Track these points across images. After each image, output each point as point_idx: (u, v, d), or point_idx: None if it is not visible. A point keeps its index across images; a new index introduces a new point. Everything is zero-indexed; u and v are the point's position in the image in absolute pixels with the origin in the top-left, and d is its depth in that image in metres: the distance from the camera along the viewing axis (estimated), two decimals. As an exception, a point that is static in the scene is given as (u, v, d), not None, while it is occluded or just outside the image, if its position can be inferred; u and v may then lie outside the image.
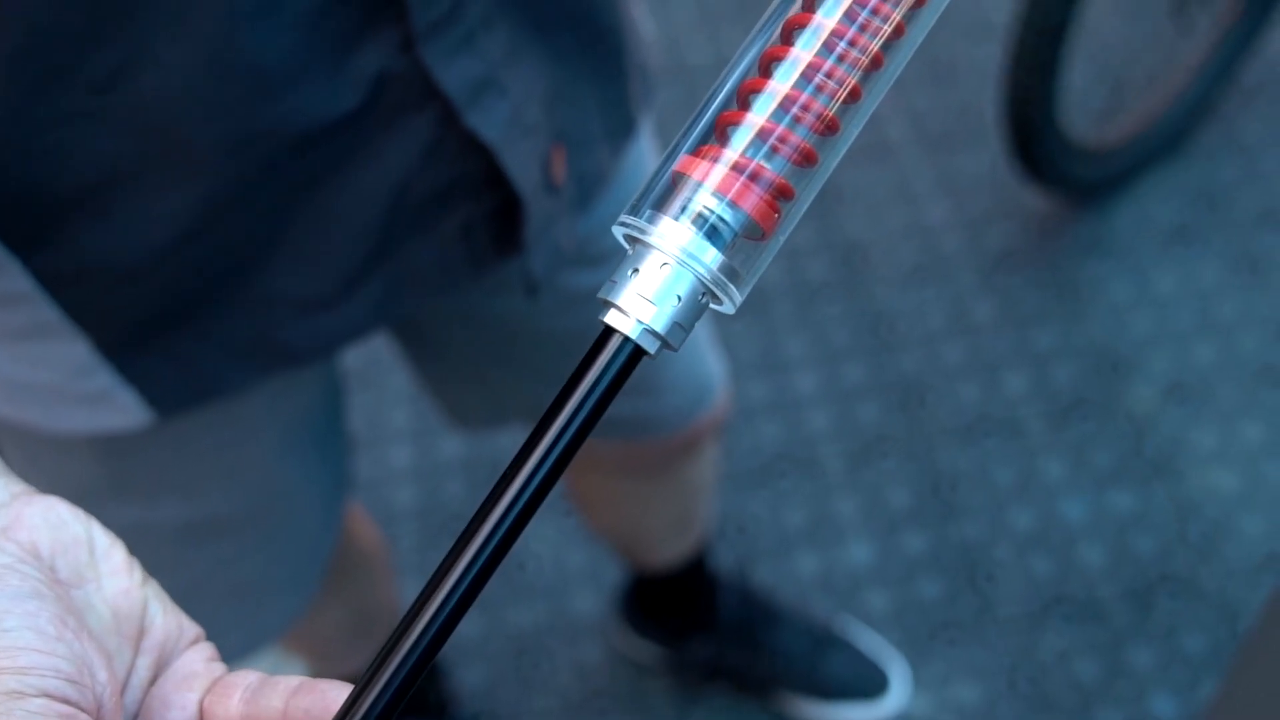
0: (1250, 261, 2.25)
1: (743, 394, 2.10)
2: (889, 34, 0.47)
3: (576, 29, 0.87)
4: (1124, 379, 2.10)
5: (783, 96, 0.46)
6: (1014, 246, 2.28)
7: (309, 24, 0.71)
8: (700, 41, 2.68)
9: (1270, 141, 2.42)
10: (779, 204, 0.46)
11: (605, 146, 0.96)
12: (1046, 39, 1.93)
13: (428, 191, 0.83)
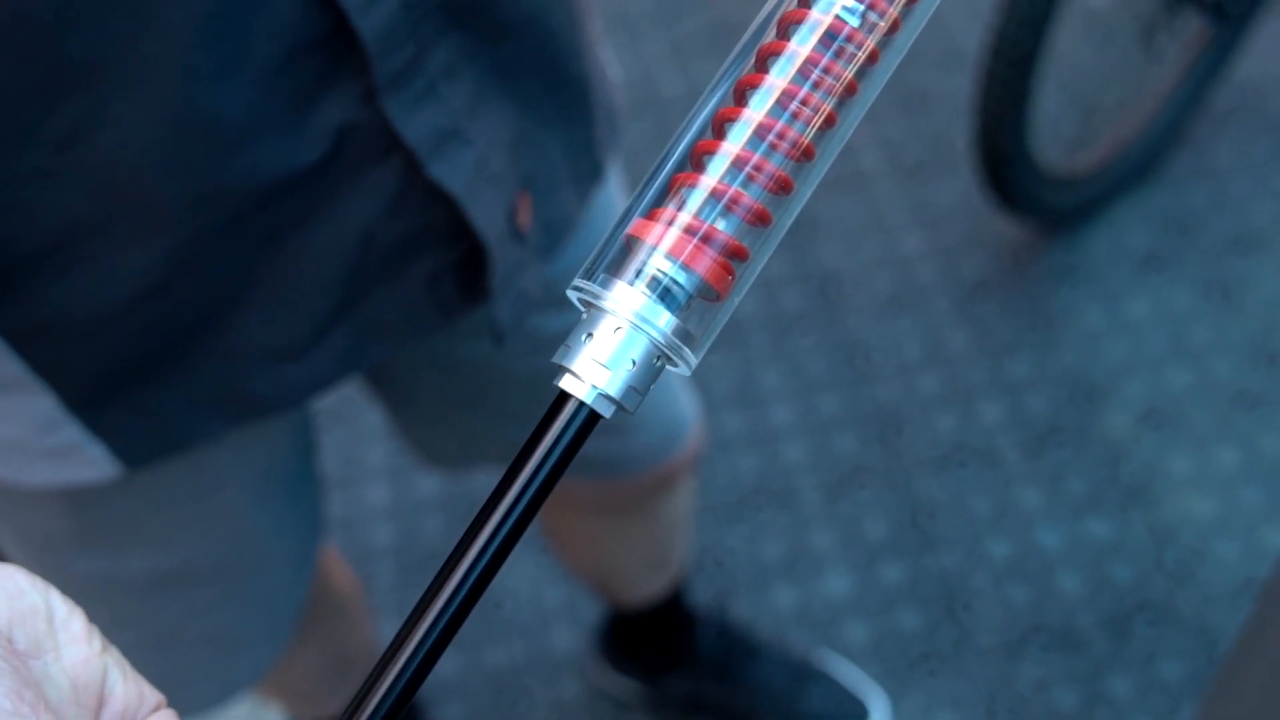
0: (1222, 287, 2.26)
1: (719, 426, 2.10)
2: (841, 92, 0.47)
3: (542, 76, 0.87)
4: (1099, 406, 2.10)
5: (734, 157, 0.46)
6: (988, 275, 2.29)
7: (269, 79, 0.71)
8: (672, 74, 2.69)
9: (1241, 166, 2.44)
10: (733, 265, 0.46)
11: (572, 192, 0.96)
12: (1016, 69, 1.94)
13: (393, 241, 0.83)
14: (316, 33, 0.71)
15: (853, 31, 0.47)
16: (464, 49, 0.78)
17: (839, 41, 0.47)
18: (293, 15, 0.69)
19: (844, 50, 0.47)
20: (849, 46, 0.47)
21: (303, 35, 0.71)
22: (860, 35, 0.47)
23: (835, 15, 0.47)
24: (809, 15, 0.47)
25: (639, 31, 2.80)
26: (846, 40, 0.46)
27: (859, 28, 0.47)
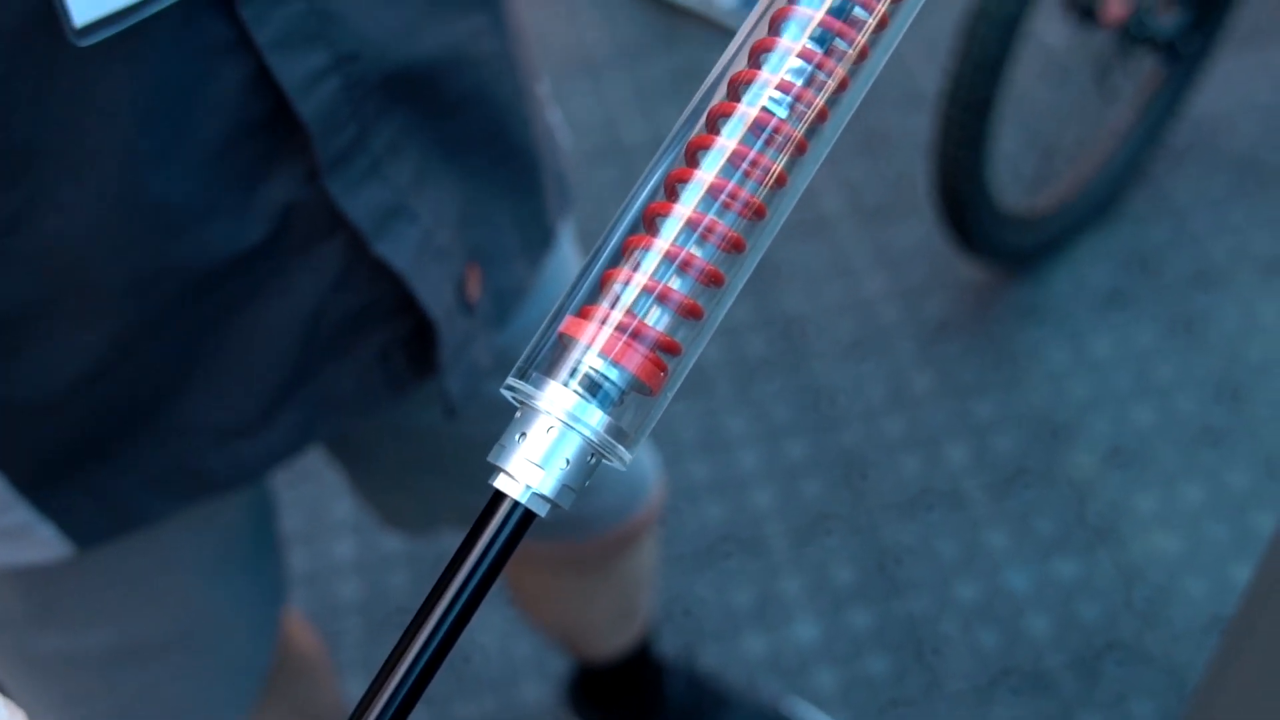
0: (1185, 323, 2.27)
1: (685, 474, 2.10)
2: (771, 183, 0.47)
3: (489, 148, 0.87)
4: (1064, 445, 2.11)
5: (665, 252, 0.46)
6: (951, 316, 2.29)
7: (212, 161, 0.71)
8: (635, 120, 2.70)
9: (1200, 203, 2.45)
10: (665, 360, 0.47)
11: (522, 261, 0.96)
12: (973, 114, 1.95)
13: (342, 318, 0.83)
14: (258, 115, 0.71)
15: (779, 124, 0.47)
16: (408, 125, 0.78)
17: (766, 132, 0.47)
18: (234, 98, 0.70)
19: (773, 139, 0.47)
20: (778, 137, 0.47)
21: (244, 118, 0.71)
22: (786, 127, 0.47)
23: (761, 108, 0.47)
24: (737, 109, 0.47)
25: (601, 77, 2.81)
26: (774, 131, 0.47)
27: (787, 118, 0.47)
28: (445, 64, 0.79)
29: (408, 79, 0.77)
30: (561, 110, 2.66)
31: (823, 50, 0.47)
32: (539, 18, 2.97)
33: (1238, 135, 2.57)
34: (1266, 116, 2.60)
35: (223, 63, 0.68)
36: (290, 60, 0.69)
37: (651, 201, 0.48)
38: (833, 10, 0.47)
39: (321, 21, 0.70)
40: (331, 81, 0.72)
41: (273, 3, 0.68)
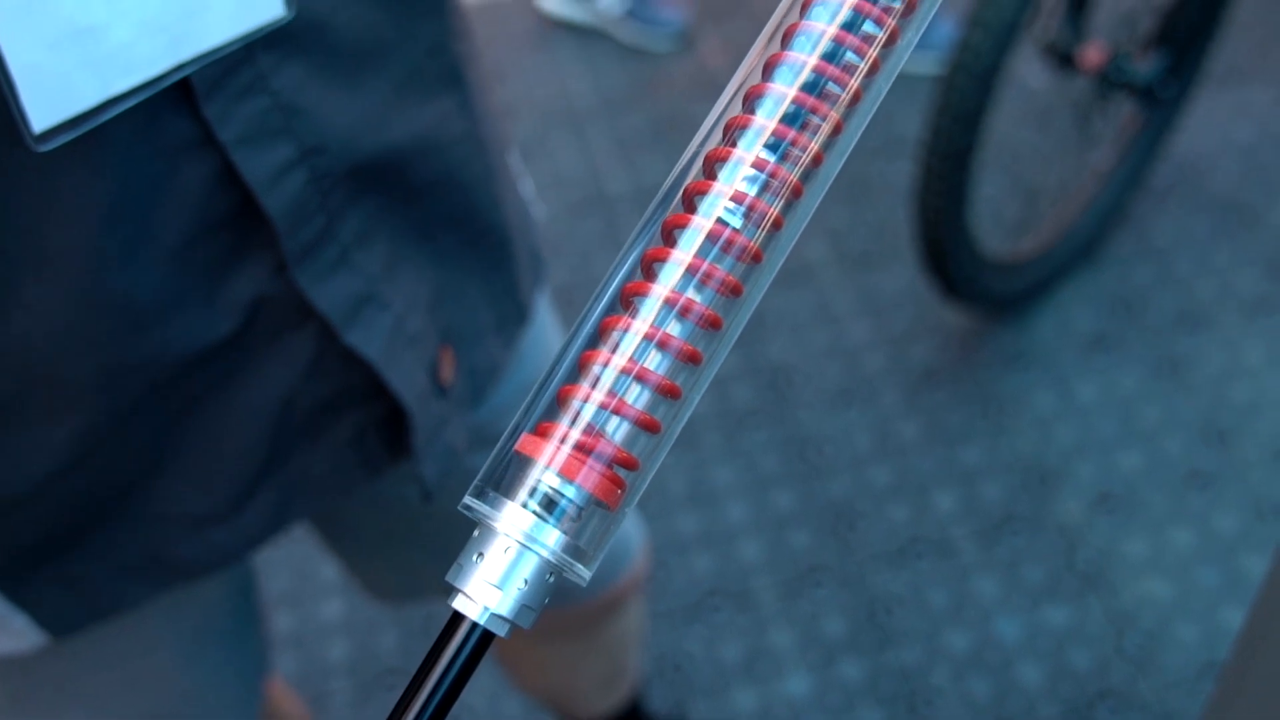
0: (1170, 365, 2.27)
1: (673, 527, 2.09)
2: (730, 295, 0.47)
3: (460, 229, 0.87)
4: (1052, 491, 2.11)
5: (620, 369, 0.46)
6: (937, 363, 2.29)
7: (179, 257, 0.70)
8: (618, 170, 2.70)
9: (1183, 243, 2.46)
10: (622, 476, 0.46)
11: (497, 339, 0.96)
12: (953, 164, 1.96)
13: (314, 404, 0.82)
14: (224, 210, 0.71)
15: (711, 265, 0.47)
16: (377, 213, 0.78)
17: (695, 280, 0.47)
18: (199, 194, 0.69)
19: (710, 277, 0.47)
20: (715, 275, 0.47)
21: (210, 213, 0.70)
22: (741, 239, 0.47)
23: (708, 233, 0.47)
24: (691, 220, 0.47)
25: (584, 128, 2.81)
26: (706, 276, 0.47)
27: (740, 229, 0.47)
28: (413, 151, 0.79)
29: (375, 168, 0.76)
30: (545, 162, 2.68)
31: (797, 127, 0.47)
32: (522, 68, 2.99)
33: (1219, 175, 2.58)
34: (1246, 156, 2.61)
35: (187, 160, 0.68)
36: (255, 156, 0.69)
37: (607, 314, 0.48)
38: (805, 86, 0.47)
39: (286, 116, 0.70)
40: (298, 175, 0.72)
41: (236, 99, 0.68)
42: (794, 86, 0.47)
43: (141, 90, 0.62)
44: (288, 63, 0.70)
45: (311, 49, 0.71)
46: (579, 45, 3.04)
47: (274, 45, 0.69)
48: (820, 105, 0.47)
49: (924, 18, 0.49)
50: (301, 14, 0.69)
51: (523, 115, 2.86)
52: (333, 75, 0.73)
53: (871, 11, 0.48)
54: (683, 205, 0.48)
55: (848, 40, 0.48)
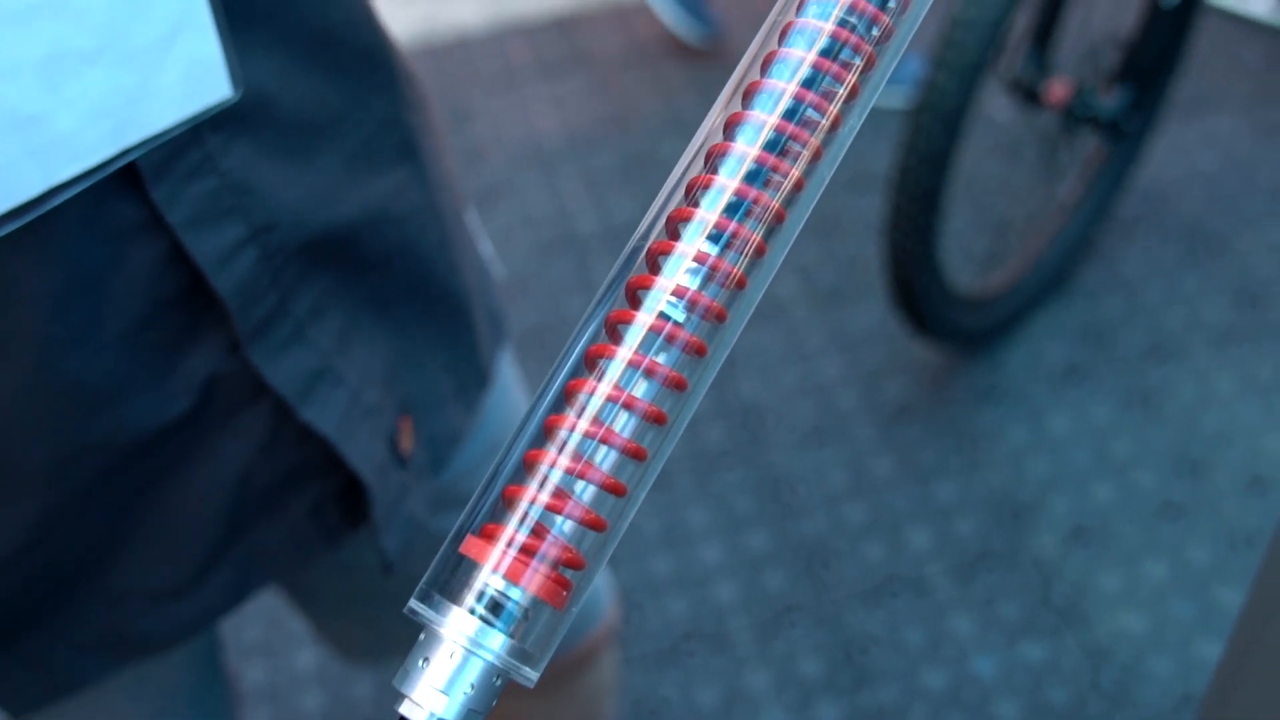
0: (1141, 396, 2.27)
1: (647, 570, 2.08)
2: (675, 389, 0.47)
3: (416, 299, 0.86)
4: (1026, 526, 2.11)
5: (565, 469, 0.46)
6: (909, 399, 2.30)
7: (131, 339, 0.70)
8: (588, 210, 2.70)
9: (1151, 274, 2.47)
10: (567, 576, 0.46)
11: (457, 406, 0.95)
12: (921, 204, 1.96)
13: (271, 479, 0.82)
14: (175, 291, 0.70)
15: (675, 329, 0.47)
16: (331, 288, 0.78)
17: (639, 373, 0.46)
18: (149, 276, 0.69)
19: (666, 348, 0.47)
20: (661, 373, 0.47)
21: (161, 295, 0.70)
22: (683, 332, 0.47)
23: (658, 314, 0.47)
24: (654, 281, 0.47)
25: (553, 168, 2.82)
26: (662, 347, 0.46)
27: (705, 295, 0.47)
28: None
29: (328, 243, 0.76)
30: (514, 202, 2.68)
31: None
32: (490, 109, 2.99)
33: (1185, 205, 2.59)
34: (1212, 185, 2.63)
35: (135, 244, 0.68)
36: (205, 237, 0.69)
37: (550, 413, 0.47)
38: (766, 145, 0.47)
39: (236, 195, 0.70)
40: (249, 254, 0.71)
41: (184, 181, 0.68)
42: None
43: (86, 177, 0.62)
44: (236, 142, 0.70)
45: (260, 127, 0.71)
46: (548, 84, 3.04)
47: (221, 125, 0.68)
48: (781, 164, 0.48)
49: (865, 106, 0.49)
50: (249, 93, 0.68)
51: (491, 156, 2.86)
52: (283, 152, 0.72)
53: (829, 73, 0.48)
54: (626, 300, 0.48)
55: (807, 97, 0.48)
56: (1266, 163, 2.68)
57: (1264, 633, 0.90)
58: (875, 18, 0.48)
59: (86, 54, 0.61)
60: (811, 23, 0.48)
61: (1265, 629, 0.88)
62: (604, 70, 3.09)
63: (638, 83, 3.04)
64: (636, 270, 0.48)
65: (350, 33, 0.76)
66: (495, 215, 2.71)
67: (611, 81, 3.05)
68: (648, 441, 0.47)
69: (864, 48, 0.49)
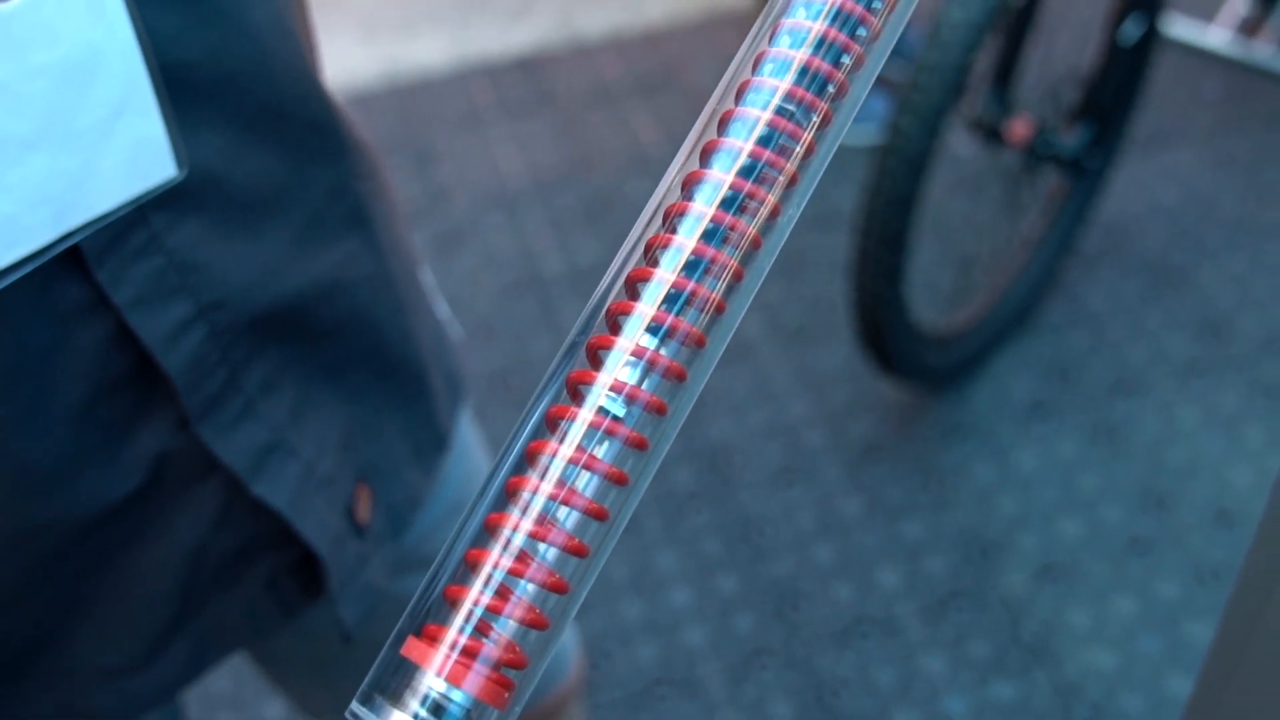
0: (1107, 431, 2.28)
1: (616, 615, 2.08)
2: (618, 484, 0.47)
3: (370, 366, 0.86)
4: (995, 564, 2.11)
5: (507, 570, 0.45)
6: (876, 438, 2.30)
7: (79, 419, 0.69)
8: (552, 251, 2.70)
9: (1115, 308, 2.48)
10: (509, 676, 0.46)
11: (416, 471, 0.94)
12: (888, 247, 1.97)
13: (225, 553, 0.81)
14: (122, 370, 0.70)
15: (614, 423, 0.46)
16: (283, 360, 0.77)
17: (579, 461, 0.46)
18: (96, 357, 0.68)
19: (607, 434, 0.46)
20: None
21: (109, 374, 0.69)
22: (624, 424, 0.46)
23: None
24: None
25: (517, 209, 2.82)
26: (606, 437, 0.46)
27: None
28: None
29: (278, 316, 0.76)
30: (479, 244, 2.68)
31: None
32: (454, 150, 2.99)
33: (1148, 238, 2.60)
34: (1173, 218, 2.64)
35: (82, 324, 0.67)
36: (151, 316, 0.68)
37: (490, 512, 0.47)
38: (723, 202, 0.47)
39: (182, 273, 0.69)
40: (197, 332, 0.71)
41: (130, 261, 0.67)
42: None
43: (28, 262, 0.61)
44: (182, 221, 0.69)
45: (207, 204, 0.70)
46: (512, 125, 3.05)
47: (167, 204, 0.68)
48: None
49: (805, 190, 0.49)
50: (195, 171, 0.68)
51: (455, 198, 2.86)
52: (230, 228, 0.72)
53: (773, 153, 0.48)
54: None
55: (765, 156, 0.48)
56: (1226, 195, 2.70)
57: (1234, 668, 0.90)
58: (829, 75, 0.49)
59: (27, 140, 0.61)
60: (752, 112, 0.48)
61: (1235, 665, 0.88)
62: (567, 110, 3.09)
63: (601, 123, 3.04)
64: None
65: (297, 106, 0.76)
66: (459, 257, 2.71)
67: (575, 122, 3.05)
68: (589, 537, 0.46)
69: (819, 105, 0.49)
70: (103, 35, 0.64)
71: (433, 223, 2.80)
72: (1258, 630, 0.64)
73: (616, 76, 3.17)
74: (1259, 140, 2.82)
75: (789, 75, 0.49)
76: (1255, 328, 2.43)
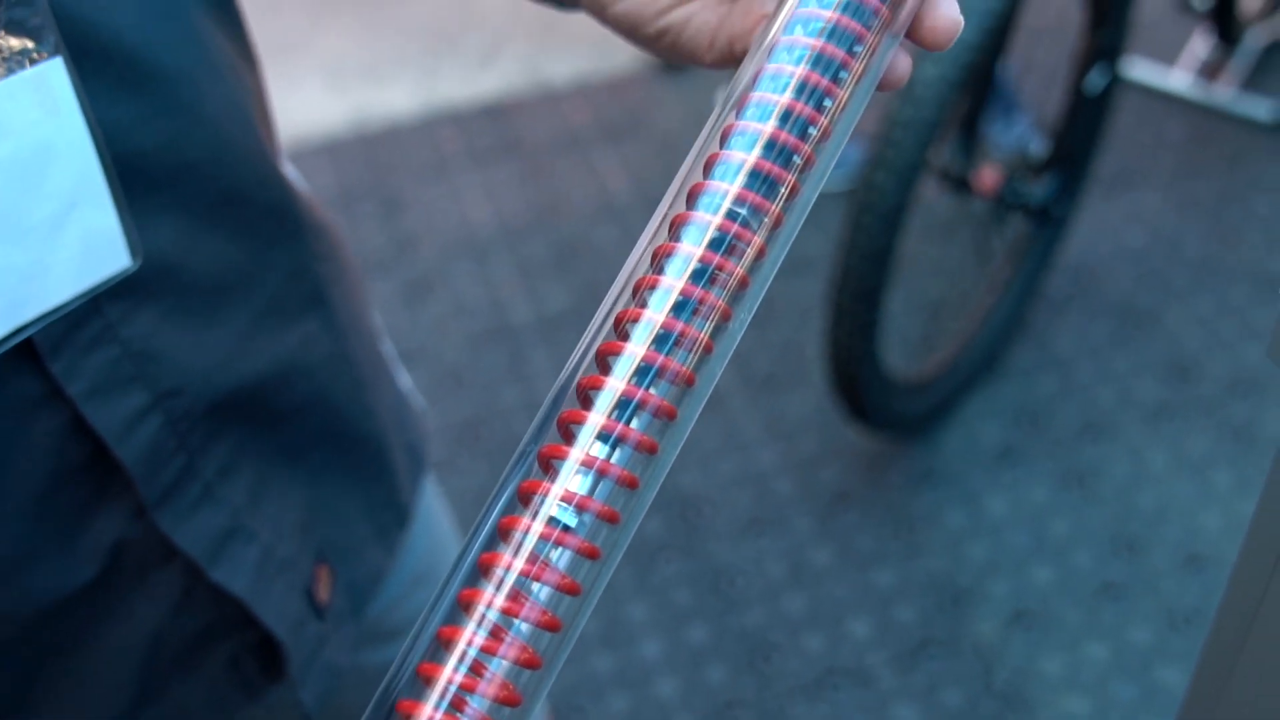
0: (1077, 476, 2.29)
1: (588, 669, 2.07)
2: (570, 594, 0.47)
3: (330, 445, 0.85)
4: (967, 612, 2.10)
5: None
6: (846, 485, 2.30)
7: (35, 509, 0.69)
8: (521, 299, 2.70)
9: (1083, 352, 2.49)
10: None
11: (377, 548, 0.94)
12: (863, 303, 1.97)
13: (185, 638, 0.80)
14: (78, 460, 0.69)
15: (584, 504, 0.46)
16: (240, 444, 0.77)
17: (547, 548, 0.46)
18: (51, 448, 0.68)
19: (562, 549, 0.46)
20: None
21: (64, 464, 0.69)
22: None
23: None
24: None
25: (486, 257, 2.81)
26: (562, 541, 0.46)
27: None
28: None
29: (236, 401, 0.75)
30: (447, 293, 2.67)
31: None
32: (421, 199, 2.99)
33: (1114, 281, 2.62)
34: (1139, 260, 2.66)
35: (36, 417, 0.66)
36: (106, 407, 0.68)
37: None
38: (694, 275, 0.47)
39: (138, 363, 0.69)
40: (152, 421, 0.70)
41: (84, 352, 0.66)
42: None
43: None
44: (137, 310, 0.69)
45: (162, 293, 0.70)
46: (479, 172, 3.05)
47: (121, 294, 0.67)
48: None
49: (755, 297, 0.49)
50: (149, 260, 0.67)
51: (423, 246, 2.86)
52: (186, 316, 0.71)
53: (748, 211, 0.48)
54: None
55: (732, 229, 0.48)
56: (1190, 236, 2.71)
57: (1210, 714, 0.90)
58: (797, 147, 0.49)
59: (-24, 237, 0.60)
60: (736, 155, 0.49)
61: (1211, 712, 0.88)
62: (535, 157, 3.10)
63: (569, 169, 3.05)
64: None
65: (255, 192, 0.75)
66: (427, 306, 2.71)
67: (543, 168, 3.06)
68: (543, 648, 0.46)
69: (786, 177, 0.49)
70: (54, 130, 0.63)
71: (400, 271, 2.80)
72: (1234, 676, 0.64)
73: (584, 123, 3.18)
74: (1222, 182, 2.84)
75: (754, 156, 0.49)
76: (1222, 369, 2.44)
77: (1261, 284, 2.60)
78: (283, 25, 3.56)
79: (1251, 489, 2.24)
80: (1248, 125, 2.98)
